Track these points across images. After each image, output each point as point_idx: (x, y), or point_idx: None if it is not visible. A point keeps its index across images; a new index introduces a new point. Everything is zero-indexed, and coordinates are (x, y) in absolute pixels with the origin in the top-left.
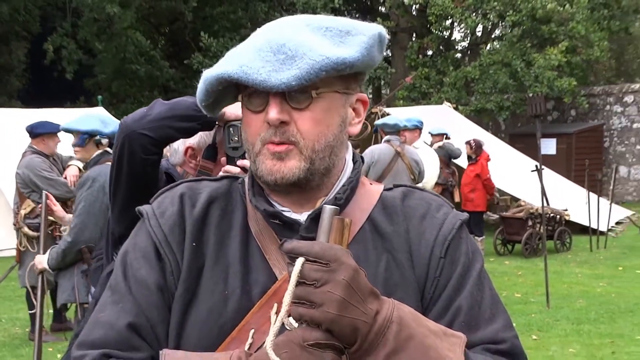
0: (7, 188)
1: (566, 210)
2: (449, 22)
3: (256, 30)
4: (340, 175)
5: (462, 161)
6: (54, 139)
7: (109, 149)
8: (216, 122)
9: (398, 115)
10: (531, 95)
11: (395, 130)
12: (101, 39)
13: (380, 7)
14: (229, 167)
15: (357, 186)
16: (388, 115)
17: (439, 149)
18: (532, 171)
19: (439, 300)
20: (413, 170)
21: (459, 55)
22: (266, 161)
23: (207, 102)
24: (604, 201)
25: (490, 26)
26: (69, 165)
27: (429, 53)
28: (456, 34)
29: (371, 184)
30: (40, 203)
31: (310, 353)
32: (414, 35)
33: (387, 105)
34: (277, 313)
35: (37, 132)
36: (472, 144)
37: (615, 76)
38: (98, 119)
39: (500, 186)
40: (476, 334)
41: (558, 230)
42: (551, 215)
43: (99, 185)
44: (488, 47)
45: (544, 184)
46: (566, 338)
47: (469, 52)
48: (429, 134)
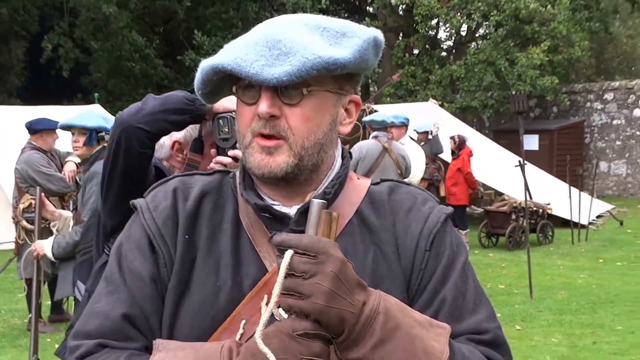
0: (6, 183)
1: (548, 204)
2: (434, 22)
3: (252, 27)
4: (329, 171)
5: (448, 156)
6: (52, 136)
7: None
8: (205, 116)
9: (385, 112)
10: (514, 93)
11: (383, 126)
12: (97, 38)
13: (368, 8)
14: (220, 158)
15: (345, 181)
16: (376, 112)
17: (425, 146)
18: (515, 166)
19: (424, 291)
20: (400, 166)
21: (444, 54)
22: (255, 154)
23: (203, 91)
24: (585, 195)
25: (474, 26)
26: (66, 161)
27: (416, 52)
28: (442, 34)
29: (359, 179)
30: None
31: (299, 343)
32: (401, 34)
33: (374, 102)
34: (267, 304)
35: (36, 128)
36: (456, 139)
37: (596, 74)
38: (99, 115)
39: (484, 181)
40: (460, 325)
41: (540, 223)
42: (534, 209)
43: None
44: (473, 47)
45: (527, 179)
46: (549, 328)
47: (454, 51)
48: (414, 131)
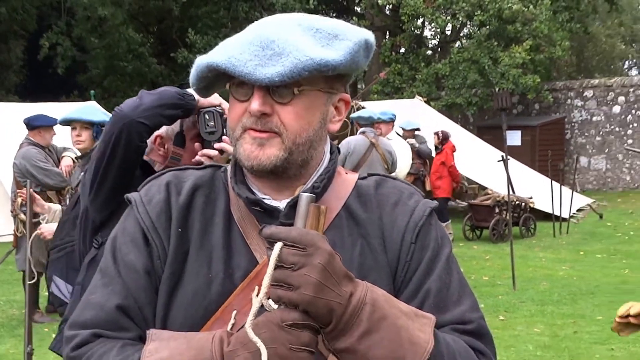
0: (5, 177)
1: (531, 198)
2: (420, 21)
3: (242, 27)
4: (318, 166)
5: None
6: (49, 132)
7: None
8: (194, 110)
9: (372, 108)
10: (497, 90)
11: (370, 122)
12: (94, 36)
13: (355, 8)
14: (206, 151)
15: (333, 176)
16: (363, 108)
17: (412, 144)
18: (498, 161)
19: (409, 283)
20: (387, 160)
21: (430, 52)
22: (246, 145)
23: (198, 86)
24: (566, 190)
25: (459, 25)
26: (63, 156)
27: (402, 50)
28: (427, 33)
29: (347, 173)
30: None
31: (288, 333)
32: (388, 33)
33: (362, 99)
34: (258, 295)
35: (34, 124)
36: (440, 134)
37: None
38: (99, 110)
39: (468, 175)
40: (445, 315)
41: (523, 217)
42: (517, 202)
43: None
44: (457, 46)
45: (509, 174)
46: (531, 318)
47: (439, 49)
48: (401, 128)
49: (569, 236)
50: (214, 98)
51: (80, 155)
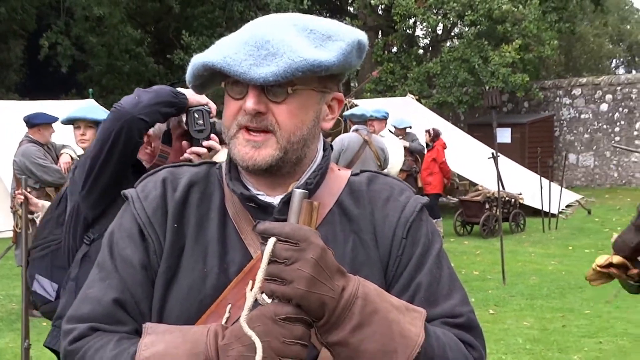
0: (5, 174)
1: (520, 194)
2: (412, 21)
3: (237, 27)
4: (312, 163)
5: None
6: (48, 129)
7: None
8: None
9: (365, 106)
10: (488, 89)
11: (363, 120)
12: (92, 35)
13: (349, 8)
14: (195, 148)
15: (326, 172)
16: (356, 106)
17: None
18: (488, 158)
19: (401, 277)
20: (379, 157)
21: (421, 51)
22: (240, 147)
23: (194, 84)
24: (555, 186)
25: (450, 25)
26: (61, 153)
27: (394, 49)
28: (419, 32)
29: (339, 170)
30: (35, 188)
31: (282, 326)
32: (380, 33)
33: (355, 97)
34: (252, 289)
35: (34, 122)
36: (431, 132)
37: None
38: (100, 108)
39: (459, 172)
40: (435, 309)
41: (513, 212)
42: (506, 198)
43: None
44: (448, 45)
45: (499, 170)
46: (521, 312)
47: (430, 49)
48: (393, 126)
49: (558, 231)
50: (201, 97)
51: (84, 153)
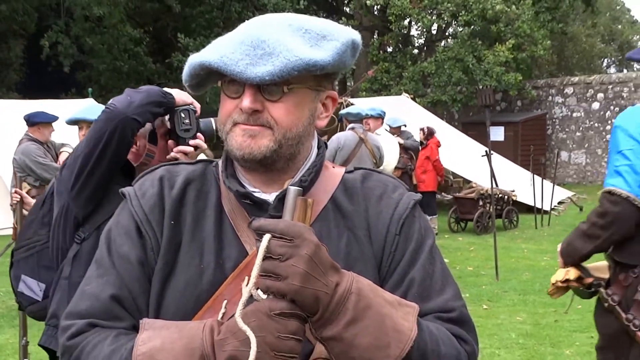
0: (5, 172)
1: (513, 191)
2: (407, 21)
3: (233, 27)
4: (306, 160)
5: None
6: (48, 128)
7: None
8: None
9: (361, 105)
10: (481, 87)
11: (358, 118)
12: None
13: (345, 8)
14: (182, 148)
15: (321, 170)
16: (352, 105)
17: (399, 138)
18: (482, 156)
19: (394, 273)
20: (375, 155)
21: (416, 51)
22: (237, 137)
23: (191, 83)
24: (547, 183)
25: (444, 25)
26: (61, 151)
27: (389, 49)
28: (413, 32)
29: (334, 167)
30: (35, 186)
31: (276, 322)
32: (376, 33)
33: (351, 96)
34: (247, 285)
35: (34, 121)
36: (425, 130)
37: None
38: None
39: (453, 169)
40: (428, 304)
41: (506, 209)
42: (500, 195)
43: None
44: (443, 44)
45: (493, 168)
46: (514, 307)
47: (425, 48)
48: (388, 125)
49: (551, 228)
50: (186, 97)
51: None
